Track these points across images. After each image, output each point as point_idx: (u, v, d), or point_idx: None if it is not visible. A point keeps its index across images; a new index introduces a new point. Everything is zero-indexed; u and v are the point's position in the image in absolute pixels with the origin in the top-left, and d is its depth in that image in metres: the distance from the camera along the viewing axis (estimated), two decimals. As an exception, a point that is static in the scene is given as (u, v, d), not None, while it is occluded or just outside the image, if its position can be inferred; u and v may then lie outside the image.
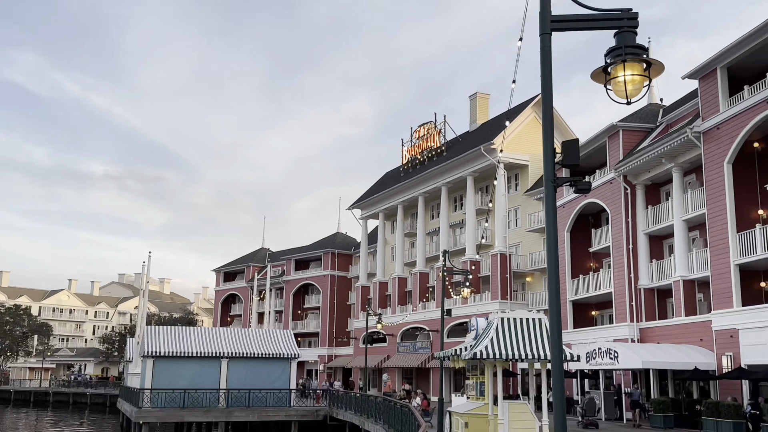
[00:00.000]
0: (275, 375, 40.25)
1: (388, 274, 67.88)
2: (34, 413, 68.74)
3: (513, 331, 17.18)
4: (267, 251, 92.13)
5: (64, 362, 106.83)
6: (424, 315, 58.24)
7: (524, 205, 52.92)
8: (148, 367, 38.38)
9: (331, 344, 76.84)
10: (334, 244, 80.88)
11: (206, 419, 37.84)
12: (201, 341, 40.42)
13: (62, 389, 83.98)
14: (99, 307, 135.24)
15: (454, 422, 21.82)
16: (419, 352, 58.12)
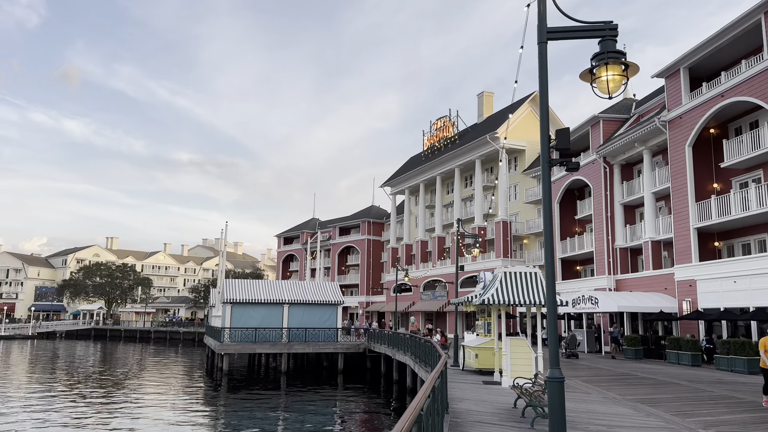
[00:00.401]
0: (325, 317, 40.66)
1: (412, 238, 67.85)
2: (140, 346, 70.56)
3: (514, 282, 17.11)
4: (317, 221, 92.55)
5: (161, 307, 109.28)
6: (441, 270, 58.23)
7: (522, 182, 52.32)
8: (227, 311, 39.01)
9: (368, 293, 77.33)
10: (369, 215, 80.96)
11: (272, 351, 38.49)
12: (267, 291, 40.94)
13: (161, 328, 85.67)
14: (188, 265, 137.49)
15: (466, 354, 21.91)
16: (437, 299, 58.21)
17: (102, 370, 41.11)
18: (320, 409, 25.36)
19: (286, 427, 21.04)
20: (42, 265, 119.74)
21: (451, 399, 13.55)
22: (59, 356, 53.02)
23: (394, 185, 71.41)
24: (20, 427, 19.51)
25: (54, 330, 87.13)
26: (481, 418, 11.20)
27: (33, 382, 33.33)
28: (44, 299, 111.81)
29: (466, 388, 16.15)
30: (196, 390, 31.21)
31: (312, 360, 44.16)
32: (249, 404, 26.00)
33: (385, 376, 34.60)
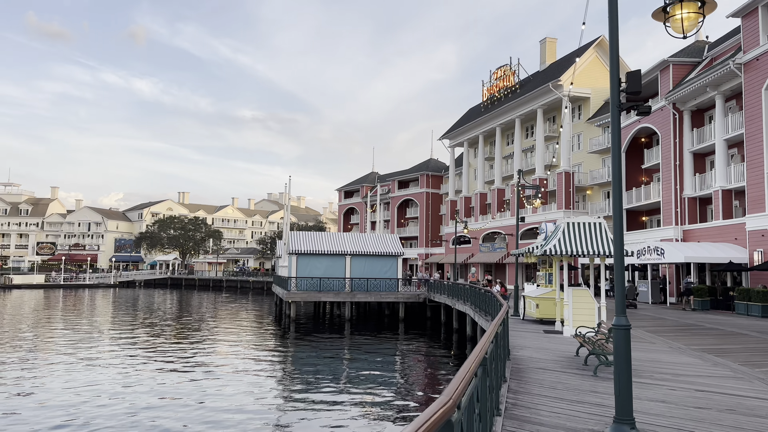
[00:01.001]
0: (386, 268, 41.26)
1: (471, 191, 67.18)
2: (213, 294, 73.99)
3: (577, 232, 16.76)
4: (376, 174, 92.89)
5: (231, 258, 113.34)
6: (501, 222, 57.62)
7: (586, 132, 50.48)
8: (293, 262, 40.18)
9: (427, 245, 77.69)
10: (428, 168, 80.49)
11: (336, 299, 39.56)
12: (330, 243, 41.80)
13: (231, 278, 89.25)
14: (254, 218, 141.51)
15: (527, 304, 21.84)
16: (497, 251, 57.86)
17: (179, 315, 43.51)
18: (382, 353, 26.06)
19: (351, 369, 21.78)
20: (120, 219, 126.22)
21: (512, 347, 13.63)
22: (139, 303, 56.40)
23: (453, 138, 70.42)
24: (106, 369, 21.04)
25: (133, 279, 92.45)
26: (543, 364, 11.23)
27: (117, 327, 35.69)
28: (123, 251, 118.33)
29: (527, 336, 16.17)
30: (266, 334, 32.63)
31: (374, 309, 45.21)
32: (315, 348, 27.02)
33: (445, 325, 35.04)
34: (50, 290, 76.00)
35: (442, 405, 2.49)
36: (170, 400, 15.77)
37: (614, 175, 6.50)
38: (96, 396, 16.20)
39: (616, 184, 6.51)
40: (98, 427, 13.09)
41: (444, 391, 2.76)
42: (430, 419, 2.27)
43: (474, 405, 3.86)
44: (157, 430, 12.91)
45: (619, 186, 6.54)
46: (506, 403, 7.63)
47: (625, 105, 6.35)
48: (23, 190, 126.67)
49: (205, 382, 18.34)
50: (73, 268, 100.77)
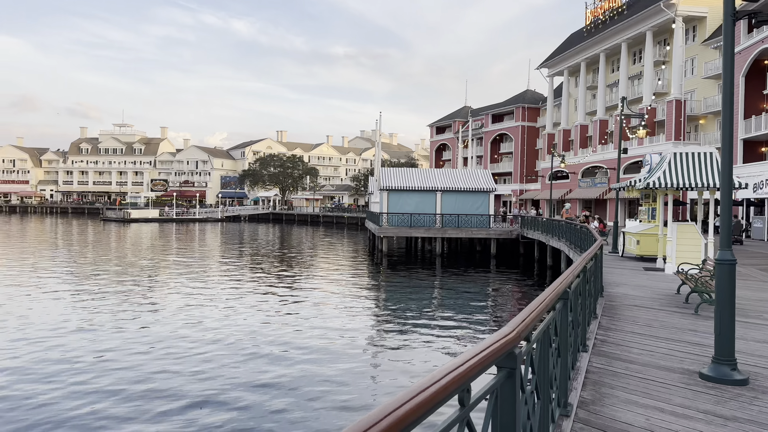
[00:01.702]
0: (477, 204, 40.68)
1: (571, 123, 63.98)
2: (311, 229, 76.93)
3: (684, 163, 15.49)
4: (468, 108, 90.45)
5: (327, 194, 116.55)
6: (602, 156, 54.73)
7: (701, 55, 45.96)
8: (384, 198, 40.55)
9: (521, 181, 75.64)
10: (524, 100, 77.22)
11: (427, 235, 39.75)
12: (421, 179, 41.66)
13: (327, 213, 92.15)
14: (348, 156, 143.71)
15: (627, 240, 20.81)
16: (597, 186, 55.32)
17: (280, 248, 45.69)
18: (473, 288, 26.10)
19: (441, 304, 22.05)
20: (224, 157, 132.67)
21: (607, 283, 13.09)
22: (245, 236, 59.74)
23: (552, 66, 66.70)
24: (214, 296, 22.59)
25: (238, 214, 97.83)
26: (639, 302, 10.70)
27: (225, 258, 38.07)
28: (228, 187, 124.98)
29: (625, 273, 15.46)
30: (360, 268, 33.60)
31: (465, 244, 45.07)
32: (406, 282, 27.52)
33: (539, 262, 34.37)
34: (164, 224, 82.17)
35: (503, 336, 2.33)
36: (269, 327, 16.74)
37: (725, 92, 5.78)
38: (202, 323, 17.50)
39: (726, 102, 5.80)
40: (205, 351, 14.17)
41: (509, 323, 2.60)
42: (488, 348, 2.13)
43: (550, 338, 3.67)
44: (256, 355, 13.78)
45: (730, 104, 5.83)
46: (595, 340, 7.34)
47: (741, 13, 5.54)
48: (136, 131, 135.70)
49: (302, 313, 19.26)
50: (183, 203, 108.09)
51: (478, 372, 1.97)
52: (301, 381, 11.54)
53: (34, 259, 34.85)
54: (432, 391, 1.61)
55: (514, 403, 2.43)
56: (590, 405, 4.90)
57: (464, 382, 1.84)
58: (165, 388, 11.10)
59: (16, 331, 15.51)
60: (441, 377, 1.71)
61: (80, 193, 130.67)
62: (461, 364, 1.87)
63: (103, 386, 11.12)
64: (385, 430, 1.34)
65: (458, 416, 1.86)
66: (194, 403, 10.31)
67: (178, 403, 10.25)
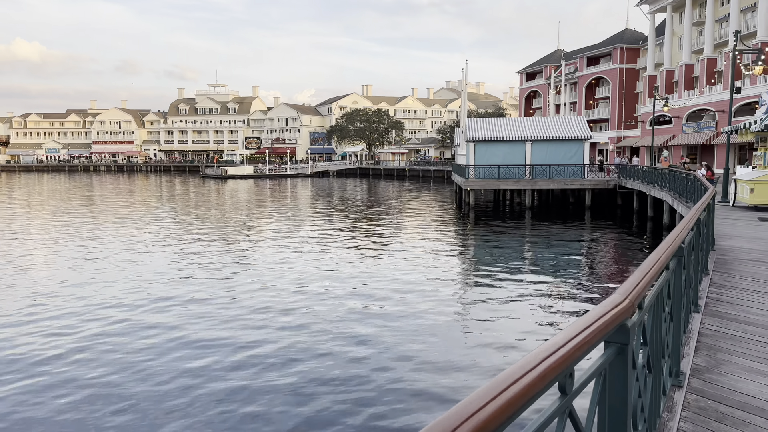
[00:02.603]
0: (571, 153, 38.75)
1: (674, 63, 58.99)
2: (397, 183, 77.06)
3: (812, 101, 13.67)
4: (561, 52, 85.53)
5: (413, 148, 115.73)
6: (710, 98, 50.23)
7: (832, -23, 40.43)
8: (470, 150, 39.55)
9: (619, 128, 71.23)
10: (622, 40, 71.85)
11: (516, 187, 38.53)
12: (509, 128, 40.15)
13: (413, 167, 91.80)
14: (434, 108, 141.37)
15: (739, 188, 19.01)
16: (704, 131, 51.04)
17: (368, 203, 46.08)
18: (566, 242, 25.05)
19: (533, 258, 21.31)
20: (312, 114, 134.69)
21: (718, 235, 11.96)
22: (334, 191, 60.81)
23: (653, 2, 61.39)
24: (307, 251, 23.10)
25: (327, 169, 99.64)
26: (756, 256, 9.65)
27: (316, 213, 38.90)
28: (317, 143, 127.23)
29: (737, 224, 14.10)
30: (446, 222, 33.22)
31: (557, 196, 43.36)
32: (495, 236, 26.86)
33: (638, 213, 32.46)
34: (258, 180, 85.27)
35: (614, 305, 1.92)
36: (355, 281, 16.87)
37: None
38: (293, 276, 17.93)
39: None
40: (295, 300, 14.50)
41: (619, 289, 2.16)
42: (597, 322, 1.73)
43: (663, 302, 3.18)
44: (342, 306, 13.92)
45: None
46: (707, 299, 6.62)
47: None
48: (229, 90, 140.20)
49: (386, 270, 19.25)
50: (275, 159, 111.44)
51: (584, 353, 1.59)
52: (381, 348, 11.01)
53: (143, 214, 37.24)
54: (526, 382, 1.25)
55: (625, 383, 2.04)
56: (705, 373, 4.35)
57: (567, 366, 1.47)
58: (252, 341, 11.44)
59: (125, 279, 16.60)
60: (538, 363, 1.35)
61: (181, 151, 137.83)
62: (563, 344, 1.49)
63: (205, 336, 11.63)
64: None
65: (558, 407, 1.50)
66: (279, 353, 10.55)
67: (264, 357, 10.53)
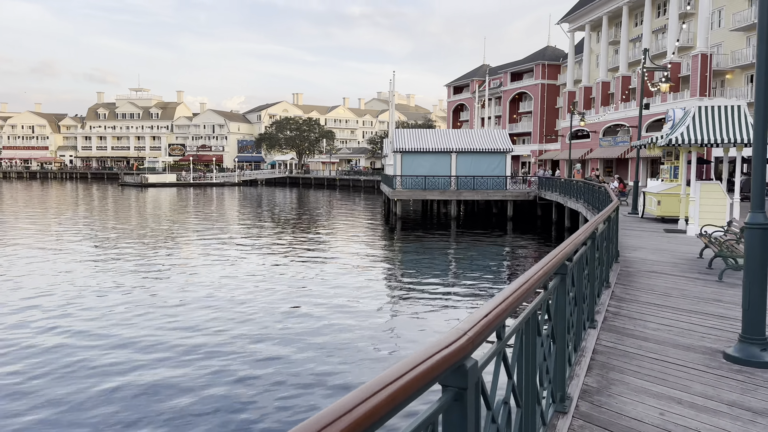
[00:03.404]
0: (494, 165, 39.60)
1: (592, 80, 61.80)
2: (327, 192, 76.46)
3: (710, 118, 14.37)
4: (487, 67, 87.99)
5: (344, 158, 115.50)
6: (624, 113, 52.86)
7: (729, 6, 43.51)
8: (398, 160, 39.65)
9: (541, 141, 73.80)
10: (544, 57, 74.66)
11: (442, 198, 38.89)
12: (435, 140, 40.59)
13: (344, 177, 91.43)
14: (365, 118, 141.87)
15: (647, 201, 19.81)
16: (618, 145, 53.61)
17: (297, 213, 45.26)
18: (489, 251, 25.40)
19: (457, 266, 21.43)
20: (240, 121, 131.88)
21: (624, 247, 12.25)
22: (262, 200, 59.44)
23: (573, 20, 64.16)
24: (232, 260, 22.20)
25: (255, 178, 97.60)
26: (658, 267, 9.89)
27: (243, 223, 37.74)
28: (245, 151, 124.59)
29: (644, 236, 14.58)
30: (374, 232, 33.02)
31: (482, 207, 44.17)
32: (420, 246, 26.88)
33: (557, 224, 33.44)
34: (182, 188, 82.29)
35: (446, 344, 1.61)
36: (282, 290, 16.28)
37: (760, 38, 4.85)
38: (218, 285, 17.09)
39: (762, 50, 4.87)
40: (222, 314, 13.74)
41: (459, 324, 1.86)
42: (413, 372, 1.41)
43: (538, 326, 2.93)
44: (268, 317, 13.37)
45: (766, 46, 4.89)
46: (606, 313, 6.60)
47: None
48: (152, 95, 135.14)
49: (314, 277, 18.81)
50: (200, 167, 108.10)
51: (401, 406, 1.25)
52: (308, 344, 11.39)
53: (55, 224, 34.85)
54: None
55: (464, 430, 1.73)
56: (595, 395, 4.19)
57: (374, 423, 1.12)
58: (176, 348, 10.68)
59: (33, 293, 15.25)
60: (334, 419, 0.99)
61: (99, 158, 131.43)
62: (365, 398, 1.15)
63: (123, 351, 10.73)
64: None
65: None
66: (208, 359, 9.88)
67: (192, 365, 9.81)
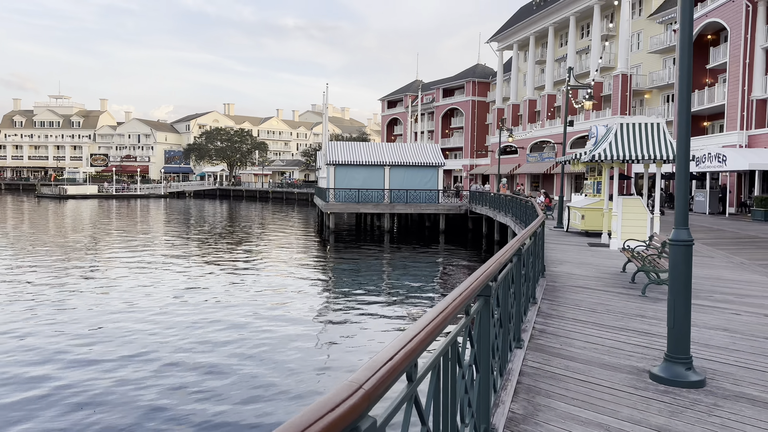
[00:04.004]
0: (426, 179, 39.87)
1: (520, 97, 63.73)
2: (260, 205, 74.76)
3: (631, 135, 14.85)
4: (420, 83, 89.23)
5: (277, 170, 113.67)
6: (550, 130, 54.72)
7: (647, 29, 46.03)
8: (331, 173, 39.23)
9: (472, 156, 75.33)
10: (474, 74, 76.49)
11: (375, 211, 38.71)
12: (369, 153, 40.46)
13: (277, 189, 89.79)
14: (299, 130, 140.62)
15: (572, 215, 20.30)
16: (545, 161, 55.38)
17: (227, 227, 43.83)
18: (421, 264, 25.33)
19: (390, 280, 21.17)
20: (168, 131, 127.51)
21: (550, 261, 12.35)
22: (189, 213, 57.34)
23: (501, 40, 66.08)
24: (158, 276, 21.00)
25: (183, 190, 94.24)
26: (583, 282, 9.95)
27: (169, 235, 36.08)
28: (173, 162, 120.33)
29: (569, 250, 14.82)
30: (307, 246, 32.34)
31: (415, 220, 44.34)
32: (353, 259, 26.49)
33: (487, 237, 33.92)
34: (103, 200, 78.36)
35: (336, 404, 1.25)
36: (212, 306, 15.46)
37: (681, 60, 4.84)
38: (144, 302, 16.02)
39: (683, 71, 4.86)
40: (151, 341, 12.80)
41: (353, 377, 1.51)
42: None
43: (458, 356, 2.62)
44: (200, 339, 12.63)
45: (688, 73, 4.90)
46: (533, 330, 6.45)
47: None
48: (74, 103, 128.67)
49: (246, 292, 18.10)
50: (124, 179, 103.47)
51: None
52: (241, 362, 10.94)
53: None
54: None
55: None
56: (521, 423, 3.94)
57: None
58: (104, 368, 9.74)
59: None
60: None
61: (15, 168, 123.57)
62: None
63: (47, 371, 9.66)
64: None
65: None
66: (137, 379, 9.04)
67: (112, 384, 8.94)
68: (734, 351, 5.79)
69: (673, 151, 14.23)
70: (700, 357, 5.51)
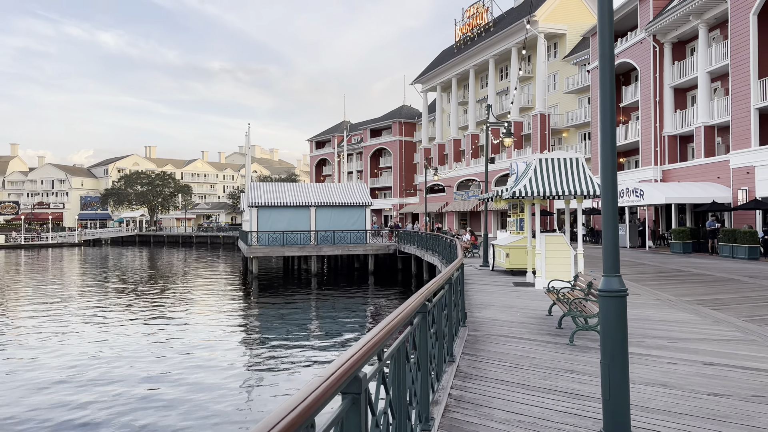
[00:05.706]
0: (353, 219, 38.96)
1: (445, 137, 64.57)
2: (183, 251, 71.34)
3: (551, 170, 14.49)
4: (347, 123, 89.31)
5: (202, 213, 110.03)
6: (475, 169, 55.40)
7: (562, 71, 47.80)
8: (254, 215, 37.65)
9: (401, 195, 75.37)
10: (400, 115, 77.32)
11: (301, 254, 37.33)
12: (294, 194, 39.24)
13: (201, 233, 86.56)
14: (225, 172, 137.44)
15: (497, 253, 19.78)
16: (471, 198, 55.86)
17: (144, 276, 40.98)
18: (351, 308, 24.14)
19: (318, 327, 19.86)
20: (85, 176, 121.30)
21: (475, 305, 11.50)
22: (105, 262, 53.60)
23: (425, 82, 67.19)
24: (78, 329, 18.68)
25: (99, 237, 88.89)
26: (508, 329, 9.09)
27: (82, 287, 33.08)
28: (89, 208, 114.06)
29: (494, 291, 14.08)
30: (229, 293, 30.40)
31: (344, 262, 43.15)
32: (279, 306, 24.91)
33: (416, 277, 33.16)
34: (10, 251, 72.54)
35: None
36: (136, 362, 13.64)
37: (603, 96, 4.10)
38: (60, 357, 13.90)
39: (606, 108, 4.12)
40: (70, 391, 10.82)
41: None
42: None
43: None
44: (122, 393, 11.12)
45: (611, 110, 4.17)
46: (448, 398, 5.41)
47: None
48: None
49: (167, 345, 16.52)
50: (35, 227, 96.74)
51: None
52: (165, 411, 10.43)
53: None
54: None
55: None
56: None
57: None
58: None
59: None
60: None
61: None
62: None
63: None
64: None
65: None
66: None
67: None
68: (678, 415, 4.95)
69: (593, 186, 13.94)
70: (641, 427, 4.62)
